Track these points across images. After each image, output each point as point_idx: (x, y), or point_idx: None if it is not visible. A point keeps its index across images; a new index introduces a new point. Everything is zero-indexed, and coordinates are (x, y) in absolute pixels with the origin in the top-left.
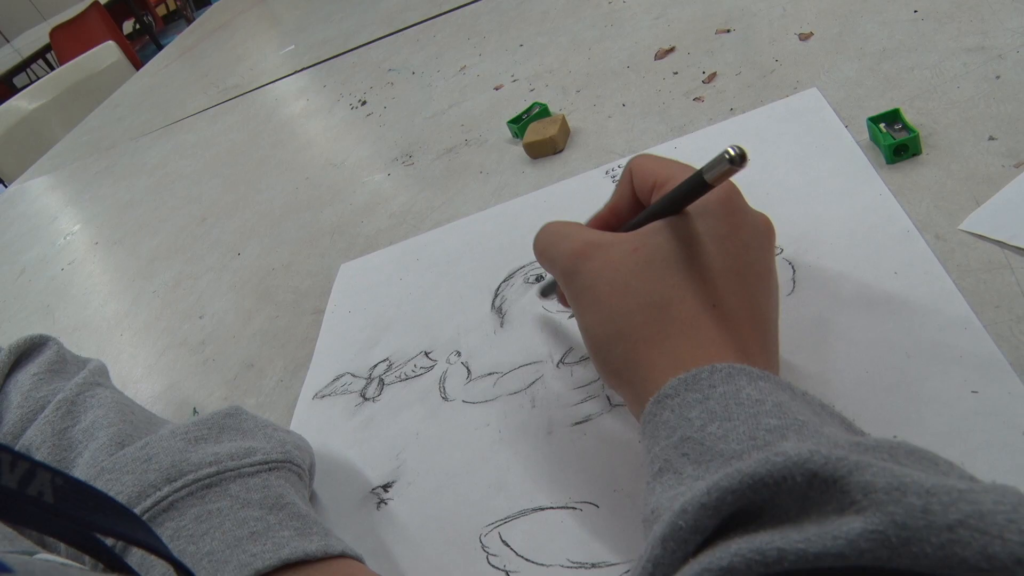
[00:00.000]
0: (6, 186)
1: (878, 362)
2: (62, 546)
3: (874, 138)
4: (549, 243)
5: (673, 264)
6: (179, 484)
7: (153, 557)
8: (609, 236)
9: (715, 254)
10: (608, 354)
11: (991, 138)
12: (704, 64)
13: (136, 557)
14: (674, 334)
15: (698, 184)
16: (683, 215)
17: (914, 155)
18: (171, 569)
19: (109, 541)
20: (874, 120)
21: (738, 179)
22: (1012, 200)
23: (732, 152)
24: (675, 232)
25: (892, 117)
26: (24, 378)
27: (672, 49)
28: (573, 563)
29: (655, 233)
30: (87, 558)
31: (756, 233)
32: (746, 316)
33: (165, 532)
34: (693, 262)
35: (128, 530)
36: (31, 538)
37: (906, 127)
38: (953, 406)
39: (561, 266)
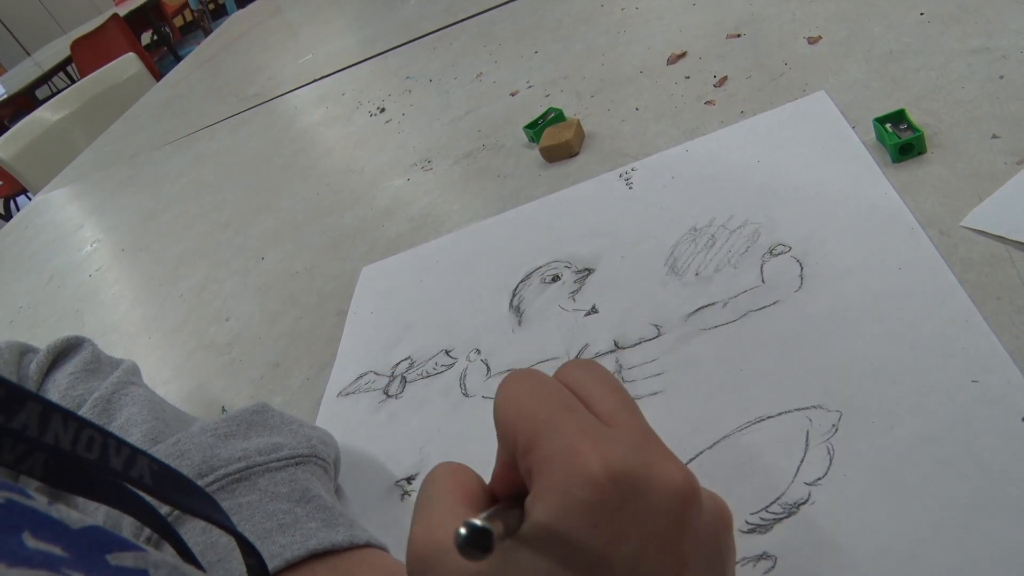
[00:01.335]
0: (30, 197)
1: (882, 354)
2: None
3: (880, 138)
4: (415, 510)
5: None
6: (210, 479)
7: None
8: (448, 547)
9: None
10: None
11: (994, 136)
12: (715, 68)
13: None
14: None
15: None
16: (528, 539)
17: (919, 154)
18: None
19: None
20: (880, 120)
21: (749, 181)
22: (1013, 196)
23: (462, 534)
24: (519, 562)
25: (898, 117)
26: (61, 377)
27: (684, 54)
28: None
29: (502, 558)
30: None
31: (644, 556)
32: None
33: (197, 524)
34: None
35: (209, 511)
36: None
37: (911, 127)
38: (954, 396)
39: (406, 564)
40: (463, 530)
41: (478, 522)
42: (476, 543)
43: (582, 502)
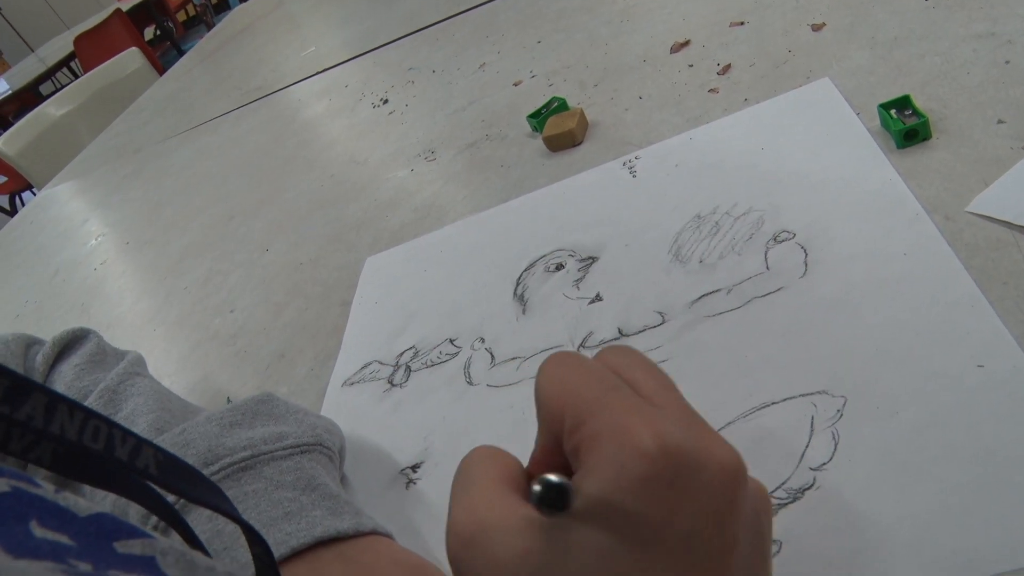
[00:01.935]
0: (35, 193)
1: (887, 340)
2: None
3: (885, 124)
4: (453, 490)
5: None
6: (215, 468)
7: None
8: (505, 515)
9: (622, 573)
10: None
11: (1000, 121)
12: (719, 56)
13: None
14: None
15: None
16: (581, 514)
17: (924, 140)
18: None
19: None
20: (885, 106)
21: (753, 169)
22: (1019, 181)
23: (538, 489)
24: (569, 538)
25: (902, 103)
26: (67, 369)
27: (687, 42)
28: None
29: (551, 534)
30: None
31: (696, 535)
32: None
33: (203, 513)
34: None
35: (215, 500)
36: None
37: (916, 113)
38: (960, 380)
39: (447, 547)
40: (538, 487)
41: (554, 478)
42: (553, 500)
43: (636, 475)
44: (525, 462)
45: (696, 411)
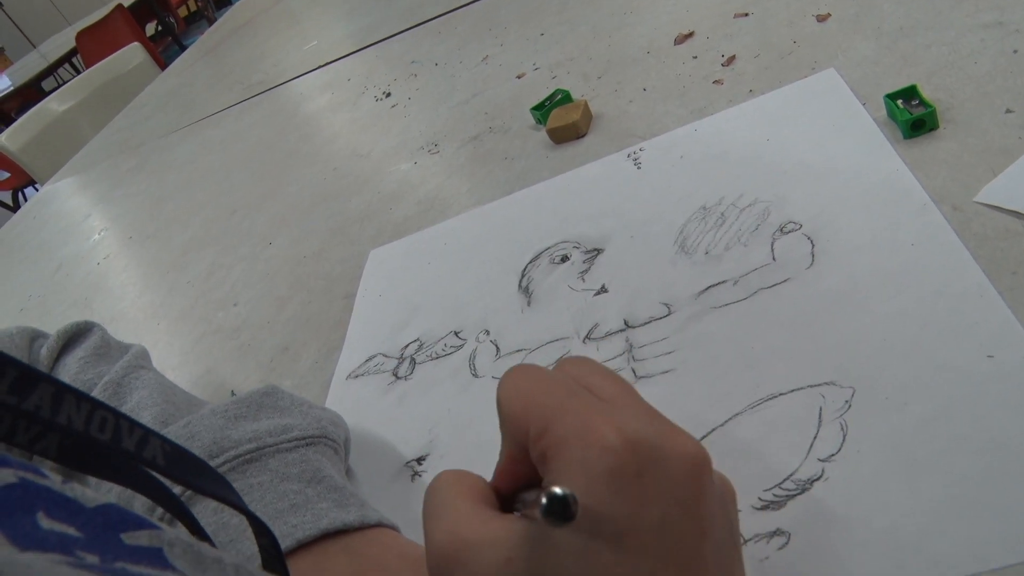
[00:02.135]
0: (37, 189)
1: (894, 331)
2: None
3: (891, 114)
4: (426, 515)
5: None
6: (221, 460)
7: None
8: (482, 529)
9: (602, 569)
10: None
11: (1008, 111)
12: (723, 48)
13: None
14: None
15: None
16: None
17: (931, 130)
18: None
19: (176, 491)
20: (891, 97)
21: (758, 160)
22: None
23: (545, 503)
24: (549, 541)
25: (909, 93)
26: (71, 362)
27: (691, 34)
28: None
29: (531, 541)
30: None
31: (667, 523)
32: None
33: (209, 505)
34: None
35: (222, 491)
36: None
37: (923, 103)
38: (969, 371)
39: (428, 569)
40: (545, 500)
41: (559, 490)
42: (560, 511)
43: (603, 471)
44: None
45: (657, 410)
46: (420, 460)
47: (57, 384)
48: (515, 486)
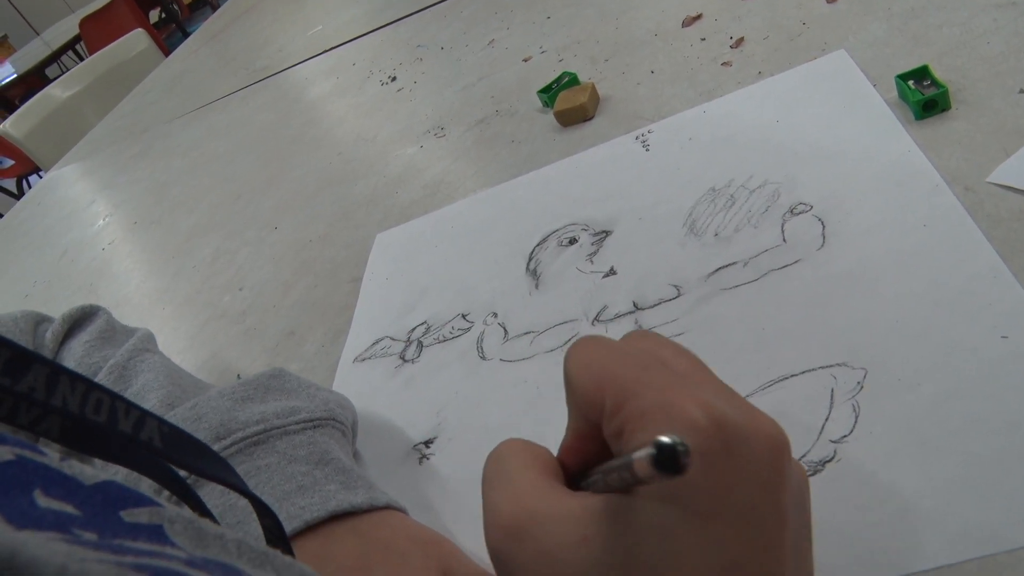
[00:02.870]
0: (40, 175)
1: (907, 312)
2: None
3: (903, 95)
4: (488, 484)
5: (631, 570)
6: (228, 442)
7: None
8: (555, 504)
9: (686, 552)
10: None
11: (1021, 91)
12: (731, 29)
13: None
14: None
15: (632, 478)
16: (642, 492)
17: (943, 110)
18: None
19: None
20: (903, 77)
21: (768, 141)
22: None
23: (664, 444)
24: (631, 520)
25: (921, 74)
26: (76, 345)
27: (699, 16)
28: None
29: (608, 518)
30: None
31: (753, 507)
32: None
33: (215, 488)
34: (660, 565)
35: (221, 473)
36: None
37: (935, 83)
38: (982, 352)
39: (488, 541)
40: (652, 449)
41: (667, 439)
42: (669, 462)
43: (693, 447)
44: (547, 432)
45: (733, 389)
46: (428, 443)
47: (51, 365)
48: (582, 463)
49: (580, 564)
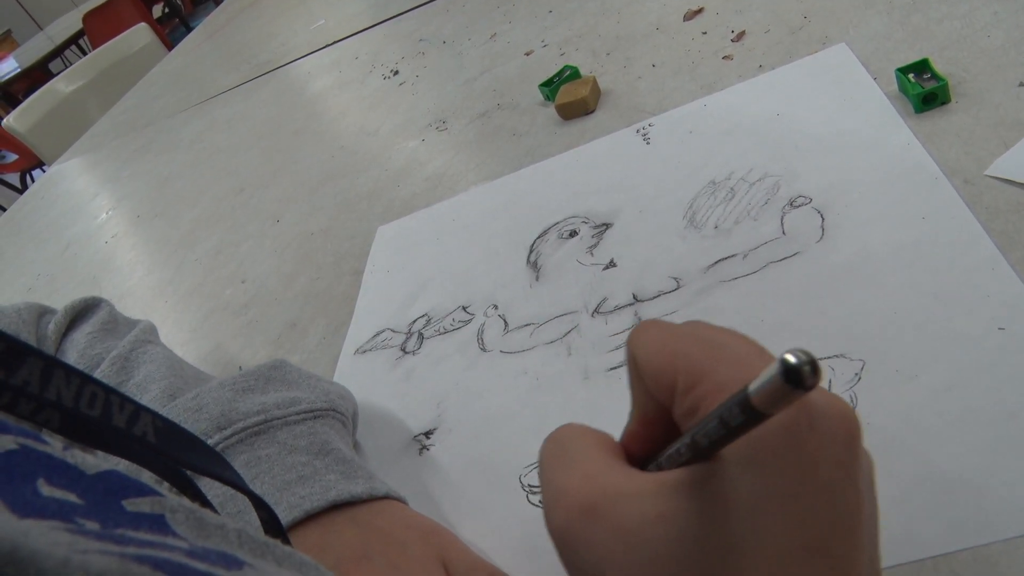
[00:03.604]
0: (43, 169)
1: (905, 304)
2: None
3: (903, 88)
4: (551, 464)
5: (713, 547)
6: (228, 432)
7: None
8: (628, 482)
9: (771, 529)
10: None
11: (1021, 84)
12: (733, 23)
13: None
14: None
15: (743, 415)
16: (729, 460)
17: (943, 103)
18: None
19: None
20: (903, 70)
21: (768, 134)
22: None
23: (793, 361)
24: (715, 492)
25: (921, 67)
26: (79, 337)
27: (700, 10)
28: None
29: (689, 492)
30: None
31: (835, 487)
32: None
33: None
34: (743, 542)
35: (215, 468)
36: None
37: (935, 76)
38: (980, 343)
39: (554, 522)
40: (781, 366)
41: (792, 358)
42: (800, 376)
43: (775, 424)
44: (547, 423)
45: None
46: (428, 434)
47: (46, 358)
48: (646, 451)
49: (658, 542)
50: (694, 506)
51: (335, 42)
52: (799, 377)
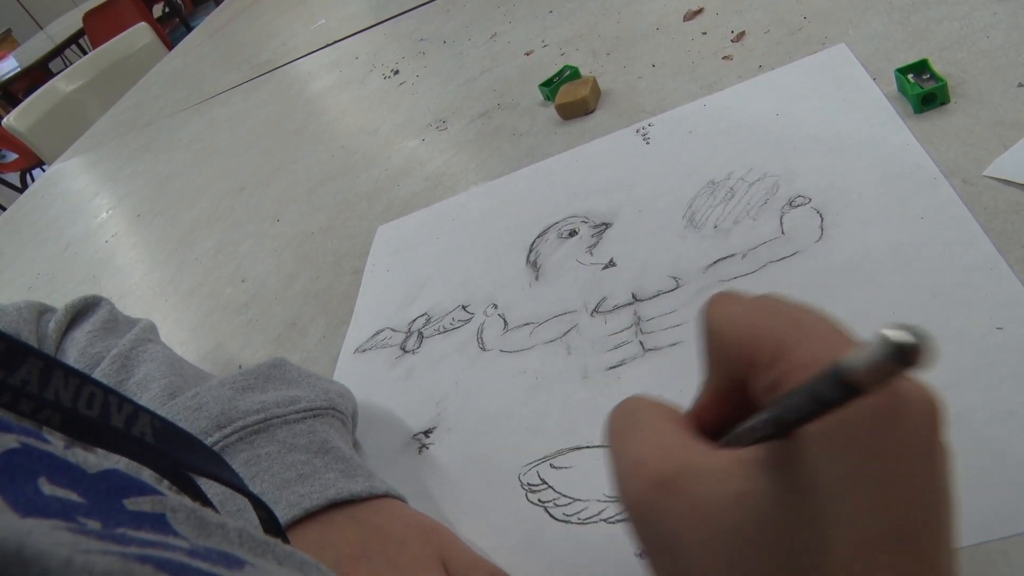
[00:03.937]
0: (43, 169)
1: (904, 303)
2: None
3: (902, 89)
4: (620, 442)
5: (795, 528)
6: (228, 430)
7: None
8: (706, 457)
9: (857, 514)
10: None
11: (1020, 85)
12: (733, 24)
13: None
14: None
15: (838, 391)
16: (812, 440)
17: (942, 104)
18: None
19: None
20: (902, 71)
21: (768, 135)
22: None
23: (895, 339)
24: (798, 472)
25: (920, 68)
26: (80, 335)
27: (700, 10)
28: (609, 497)
29: (771, 471)
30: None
31: (926, 475)
32: None
33: None
34: (827, 525)
35: (214, 468)
36: None
37: (934, 76)
38: (978, 342)
39: (629, 499)
40: (885, 342)
41: (899, 334)
42: (905, 355)
43: (865, 407)
44: (546, 422)
45: None
46: (427, 433)
47: (46, 359)
48: (718, 424)
49: (738, 521)
50: (776, 486)
51: (335, 42)
52: (909, 354)
